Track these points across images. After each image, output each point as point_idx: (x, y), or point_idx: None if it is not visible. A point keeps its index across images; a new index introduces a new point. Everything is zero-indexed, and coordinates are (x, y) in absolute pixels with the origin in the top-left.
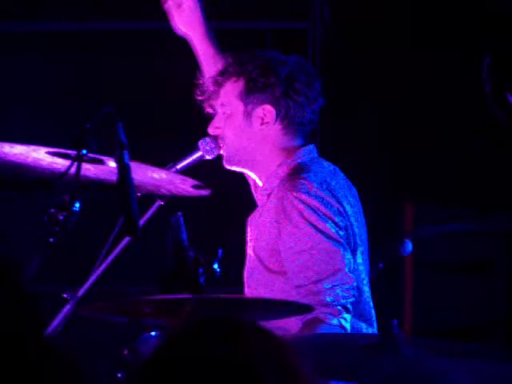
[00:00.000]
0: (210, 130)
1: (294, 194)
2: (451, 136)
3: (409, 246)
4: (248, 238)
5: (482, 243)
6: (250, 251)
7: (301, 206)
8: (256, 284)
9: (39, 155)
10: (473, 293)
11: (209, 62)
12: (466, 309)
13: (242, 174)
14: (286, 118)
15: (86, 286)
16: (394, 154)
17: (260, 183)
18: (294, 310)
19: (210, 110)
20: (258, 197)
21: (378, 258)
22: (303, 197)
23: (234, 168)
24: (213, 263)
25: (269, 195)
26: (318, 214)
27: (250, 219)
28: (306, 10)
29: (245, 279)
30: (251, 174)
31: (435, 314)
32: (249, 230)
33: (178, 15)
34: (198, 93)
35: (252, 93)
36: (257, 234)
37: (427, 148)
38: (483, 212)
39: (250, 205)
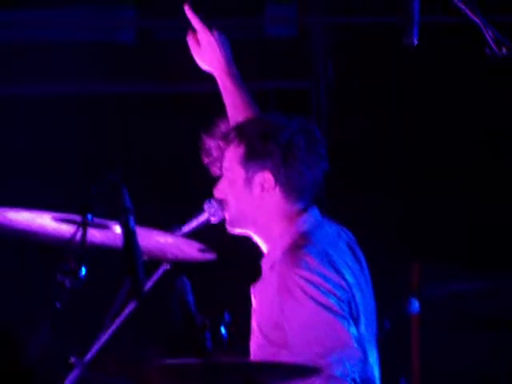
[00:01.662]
0: (215, 193)
1: (295, 271)
2: (457, 194)
3: (416, 305)
4: (252, 308)
5: (489, 301)
6: (253, 323)
7: (302, 283)
8: (259, 355)
9: (44, 221)
10: (481, 350)
11: (231, 99)
12: (474, 366)
13: (248, 237)
14: (285, 184)
15: (93, 350)
16: (400, 214)
17: (263, 247)
18: (301, 372)
19: (217, 172)
20: (262, 267)
21: (385, 316)
22: (304, 273)
23: (237, 231)
24: (220, 327)
25: (271, 268)
26: (321, 290)
27: (253, 288)
28: (309, 69)
29: (250, 350)
30: (255, 238)
31: (443, 372)
32: (253, 298)
33: (196, 52)
34: (204, 155)
35: (252, 159)
36: (259, 305)
37: (434, 207)
38: (489, 270)
39: (257, 267)
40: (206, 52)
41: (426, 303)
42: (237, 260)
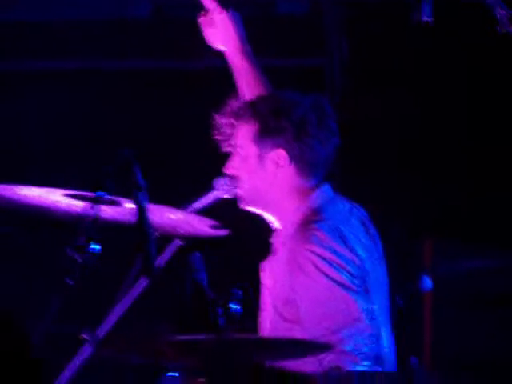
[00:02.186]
0: (227, 170)
1: (307, 247)
2: (471, 172)
3: (428, 283)
4: (262, 284)
5: (501, 278)
6: (263, 299)
7: (314, 258)
8: (271, 331)
9: (57, 197)
10: (494, 329)
11: (244, 77)
12: (486, 344)
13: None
14: (299, 161)
15: (106, 326)
16: (413, 191)
17: (276, 224)
18: (312, 348)
19: (227, 149)
20: (273, 243)
21: (398, 294)
22: (316, 249)
23: (249, 208)
24: (232, 303)
25: (283, 244)
26: (333, 265)
27: (264, 264)
28: (322, 45)
29: (260, 325)
30: (266, 215)
31: (455, 349)
32: (263, 275)
33: (209, 31)
34: (216, 133)
35: (265, 136)
36: (271, 282)
37: (446, 184)
38: (503, 247)
39: (268, 243)
40: (220, 30)
41: (439, 280)
42: (248, 236)
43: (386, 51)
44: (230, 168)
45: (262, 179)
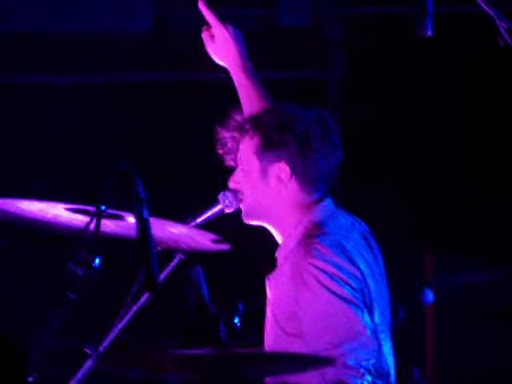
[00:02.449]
0: (230, 184)
1: (309, 261)
2: (472, 185)
3: (430, 296)
4: (268, 299)
5: (502, 291)
6: (268, 313)
7: (316, 272)
8: (273, 345)
9: (58, 211)
10: (495, 341)
11: (245, 92)
12: (488, 357)
13: (263, 228)
14: (301, 174)
15: (108, 340)
16: (413, 204)
17: (278, 238)
18: (313, 363)
19: (231, 163)
20: (277, 257)
21: (400, 307)
22: (318, 263)
23: (252, 222)
24: (234, 318)
25: (286, 258)
26: (335, 279)
27: (268, 278)
28: (323, 59)
29: (264, 340)
30: (270, 229)
31: (457, 362)
32: (268, 289)
33: (210, 46)
34: (219, 146)
35: (267, 150)
36: (274, 296)
37: (447, 198)
38: (503, 261)
39: (271, 258)
40: (221, 46)
41: (440, 294)
42: (251, 251)
43: (386, 65)
44: (234, 182)
45: (265, 193)
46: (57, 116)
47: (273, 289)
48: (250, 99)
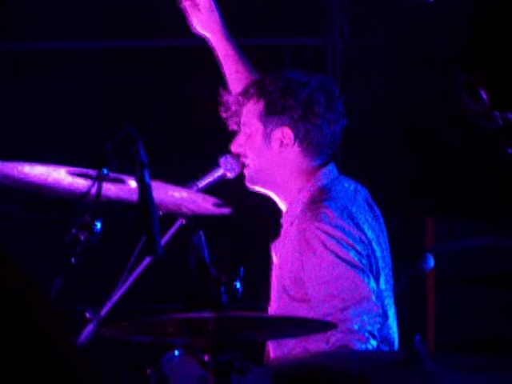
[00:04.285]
0: (233, 148)
1: (316, 225)
2: (473, 151)
3: (431, 261)
4: (273, 265)
5: (504, 256)
6: (273, 278)
7: (323, 237)
8: (278, 310)
9: (60, 175)
10: (496, 306)
11: (228, 62)
12: (489, 323)
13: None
14: (304, 140)
15: (109, 305)
16: (415, 170)
17: (281, 206)
18: (315, 327)
19: (234, 127)
20: (282, 224)
21: (401, 272)
22: (325, 227)
23: (255, 188)
24: (235, 281)
25: (291, 223)
26: (341, 244)
27: (273, 245)
28: (325, 26)
29: (270, 306)
30: (272, 196)
31: (458, 328)
32: (273, 256)
33: (194, 16)
34: (222, 110)
35: (271, 115)
36: (280, 262)
37: (449, 163)
38: (505, 226)
39: (271, 222)
40: (206, 14)
41: (441, 259)
42: (252, 215)
43: (389, 33)
44: (236, 145)
45: (268, 158)
46: (58, 81)
47: (278, 255)
48: (237, 71)
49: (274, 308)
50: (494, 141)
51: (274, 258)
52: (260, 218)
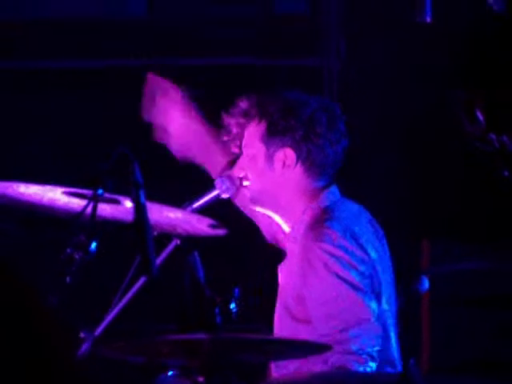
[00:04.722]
0: (235, 171)
1: (318, 245)
2: (469, 173)
3: (426, 283)
4: (279, 287)
5: (498, 278)
6: (278, 301)
7: (325, 257)
8: (281, 331)
9: (55, 195)
10: (491, 328)
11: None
12: (484, 344)
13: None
14: (307, 160)
15: (103, 325)
16: (411, 191)
17: (285, 227)
18: (310, 349)
19: (236, 150)
20: (286, 244)
21: (397, 294)
22: (327, 247)
23: (258, 209)
24: (229, 302)
25: (295, 243)
26: (343, 264)
27: (280, 267)
28: (322, 46)
29: (274, 325)
30: (275, 217)
31: (453, 349)
32: (279, 278)
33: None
34: (223, 133)
35: (273, 136)
36: (284, 283)
37: (444, 185)
38: (499, 249)
39: (267, 244)
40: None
41: (436, 281)
42: (248, 236)
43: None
44: (239, 169)
45: (271, 179)
46: (53, 100)
47: (283, 275)
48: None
49: (276, 329)
50: (490, 163)
51: (280, 280)
52: (256, 239)
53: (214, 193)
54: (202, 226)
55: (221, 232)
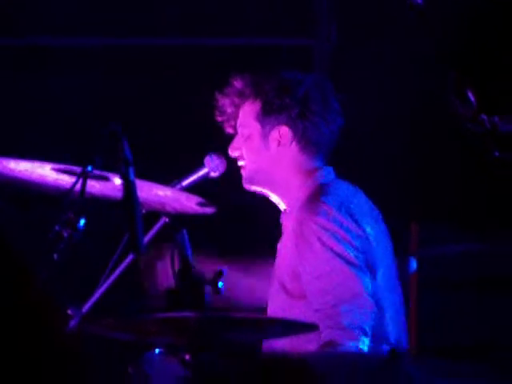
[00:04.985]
0: (230, 151)
1: (313, 219)
2: (458, 155)
3: (414, 264)
4: (275, 265)
5: (487, 261)
6: (273, 278)
7: (319, 231)
8: (275, 308)
9: (45, 171)
10: (479, 311)
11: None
12: (472, 327)
13: (247, 192)
14: (302, 138)
15: (90, 302)
16: (400, 173)
17: (281, 205)
18: (297, 328)
19: (230, 131)
20: (282, 223)
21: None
22: (322, 221)
23: (253, 188)
24: (218, 281)
25: (291, 220)
26: (337, 238)
27: (279, 245)
28: (312, 27)
29: (268, 303)
30: (272, 196)
31: (440, 332)
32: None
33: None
34: (218, 114)
35: (268, 114)
36: (279, 259)
37: (434, 167)
38: (488, 231)
39: (255, 221)
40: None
41: (424, 263)
42: (236, 214)
43: (377, 34)
44: (234, 149)
45: (267, 158)
46: (53, 77)
47: (279, 253)
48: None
49: (271, 306)
50: (481, 144)
51: (277, 259)
52: (245, 217)
53: (204, 171)
54: (190, 203)
55: (209, 210)
